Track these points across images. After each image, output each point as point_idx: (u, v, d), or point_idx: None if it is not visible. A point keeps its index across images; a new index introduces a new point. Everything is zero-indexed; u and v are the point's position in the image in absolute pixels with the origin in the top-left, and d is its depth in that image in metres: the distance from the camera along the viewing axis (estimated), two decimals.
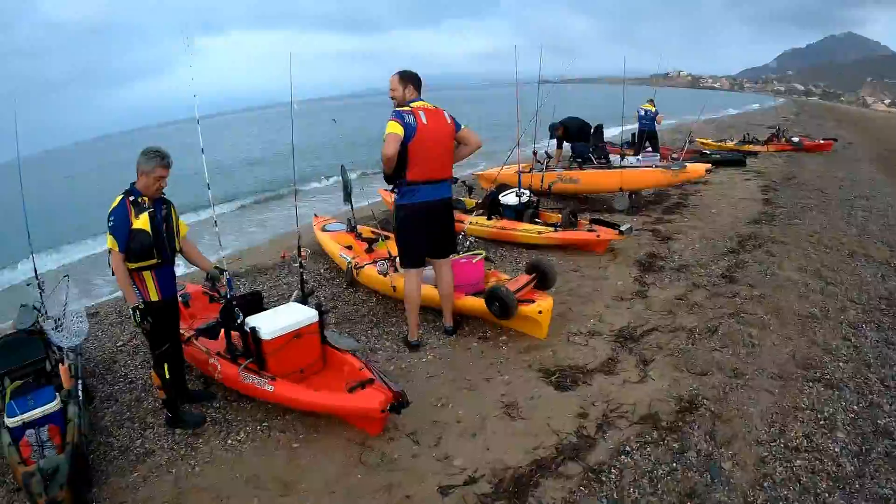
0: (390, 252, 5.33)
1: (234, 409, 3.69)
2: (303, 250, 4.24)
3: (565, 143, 9.89)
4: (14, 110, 4.03)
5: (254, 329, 3.45)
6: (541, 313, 4.17)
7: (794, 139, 15.31)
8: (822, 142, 15.29)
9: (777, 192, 9.58)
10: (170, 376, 3.42)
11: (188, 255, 3.60)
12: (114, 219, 3.13)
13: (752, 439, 2.99)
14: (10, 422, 3.05)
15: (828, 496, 2.63)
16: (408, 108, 3.90)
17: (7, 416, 3.08)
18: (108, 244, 3.19)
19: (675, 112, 27.48)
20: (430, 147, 3.93)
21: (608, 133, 11.63)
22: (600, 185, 8.69)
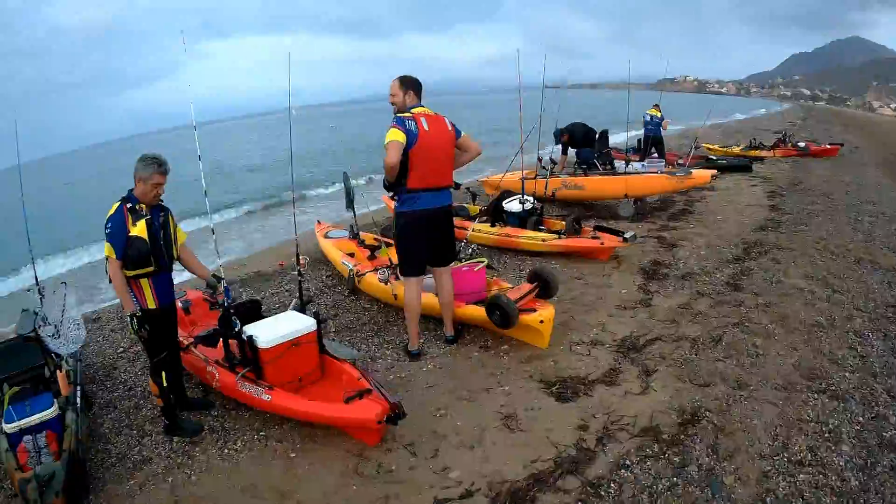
0: (392, 260, 5.31)
1: (233, 417, 3.67)
2: (301, 258, 4.22)
3: (570, 149, 9.86)
4: (15, 118, 4.04)
5: (251, 338, 3.44)
6: (542, 323, 4.12)
7: (801, 144, 15.24)
8: (828, 147, 15.22)
9: (783, 197, 9.52)
10: (168, 384, 3.41)
11: (186, 263, 3.59)
12: (111, 226, 3.13)
13: (755, 453, 2.93)
14: (8, 427, 3.05)
15: None
16: (409, 115, 3.87)
17: (4, 422, 3.08)
18: (105, 251, 3.19)
19: (681, 117, 27.43)
20: (432, 154, 3.89)
21: (614, 139, 11.59)
22: (605, 191, 8.65)
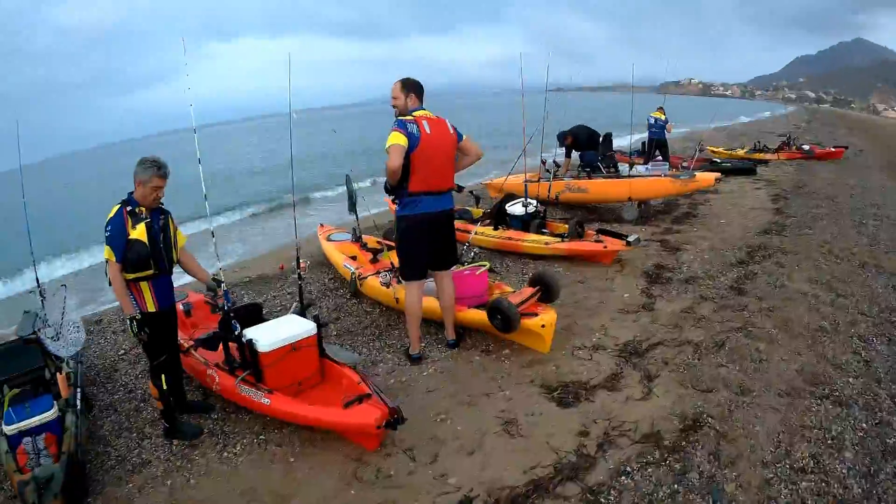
0: (393, 263, 5.30)
1: (232, 421, 3.66)
2: (302, 262, 4.21)
3: (574, 152, 9.84)
4: (16, 119, 4.05)
5: (251, 341, 3.43)
6: (544, 327, 4.10)
7: (805, 147, 15.18)
8: (832, 150, 15.15)
9: (787, 200, 9.48)
10: (167, 387, 3.40)
11: (186, 266, 3.59)
12: (110, 229, 3.13)
13: (757, 460, 2.90)
14: (8, 429, 3.05)
15: None
16: (410, 118, 3.85)
17: (4, 424, 3.08)
18: (104, 254, 3.18)
19: (686, 120, 27.34)
20: (433, 157, 3.88)
21: (618, 142, 11.56)
22: (609, 194, 8.62)
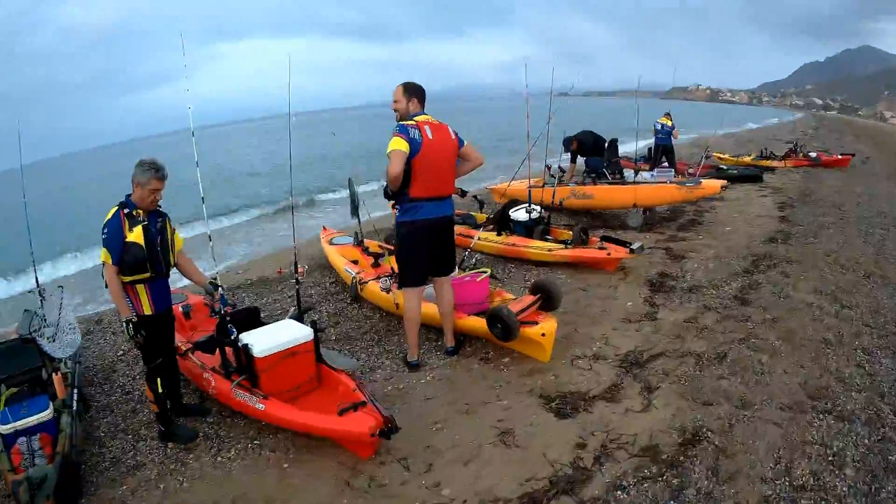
0: (393, 268, 5.27)
1: (228, 425, 3.65)
2: (300, 266, 4.19)
3: (579, 158, 9.79)
4: (17, 119, 4.05)
5: (246, 346, 3.41)
6: (544, 336, 4.05)
7: (812, 154, 15.07)
8: (839, 157, 15.04)
9: (794, 208, 9.40)
10: (163, 390, 3.39)
11: (183, 270, 3.58)
12: (107, 231, 3.12)
13: (757, 476, 2.84)
14: (3, 429, 3.05)
15: None
16: (412, 123, 3.82)
17: (0, 423, 3.07)
18: (101, 257, 3.17)
19: (693, 126, 27.28)
20: (435, 163, 3.85)
21: (624, 148, 11.51)
22: (614, 200, 8.56)
